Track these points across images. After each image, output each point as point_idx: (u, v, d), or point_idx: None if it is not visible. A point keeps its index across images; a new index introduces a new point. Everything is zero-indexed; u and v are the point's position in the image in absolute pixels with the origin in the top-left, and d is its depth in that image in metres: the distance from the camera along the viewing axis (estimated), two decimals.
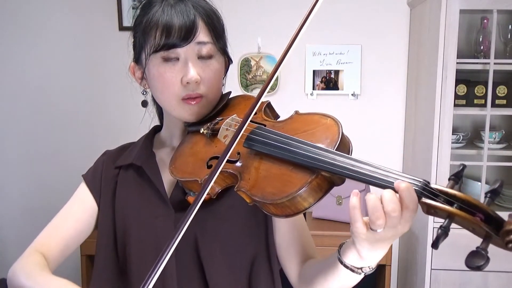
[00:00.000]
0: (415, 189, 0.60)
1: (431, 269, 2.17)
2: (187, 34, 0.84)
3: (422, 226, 2.23)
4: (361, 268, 0.71)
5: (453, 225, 0.57)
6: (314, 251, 0.92)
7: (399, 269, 2.68)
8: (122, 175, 0.97)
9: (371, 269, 0.72)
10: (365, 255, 0.68)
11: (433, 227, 2.14)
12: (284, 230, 0.92)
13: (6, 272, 0.86)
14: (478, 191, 2.18)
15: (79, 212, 0.95)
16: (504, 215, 0.57)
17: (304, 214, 0.96)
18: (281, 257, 0.93)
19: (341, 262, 0.71)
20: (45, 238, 0.92)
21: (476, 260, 0.53)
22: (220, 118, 0.90)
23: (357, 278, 0.74)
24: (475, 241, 0.58)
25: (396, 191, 0.60)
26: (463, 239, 0.67)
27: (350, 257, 0.70)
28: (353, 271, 0.71)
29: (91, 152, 1.05)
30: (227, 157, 0.72)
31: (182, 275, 0.88)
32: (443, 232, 0.55)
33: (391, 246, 2.25)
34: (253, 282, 0.90)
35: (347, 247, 0.71)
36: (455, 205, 0.57)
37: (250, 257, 0.91)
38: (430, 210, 0.59)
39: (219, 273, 0.88)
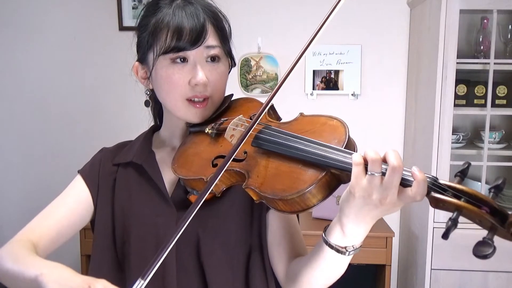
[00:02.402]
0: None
1: (431, 269, 2.17)
2: (197, 38, 0.86)
3: (422, 226, 2.23)
4: (345, 247, 0.73)
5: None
6: (304, 251, 0.93)
7: (399, 269, 2.68)
8: (120, 173, 0.98)
9: (355, 248, 0.74)
10: (348, 231, 0.71)
11: (433, 227, 2.14)
12: (276, 228, 0.93)
13: None
14: (478, 191, 2.18)
15: (73, 203, 0.95)
16: None
17: (298, 215, 0.97)
18: (271, 255, 0.93)
19: (326, 243, 0.74)
20: (36, 225, 0.91)
21: (483, 249, 0.56)
22: (225, 118, 0.91)
23: (341, 265, 0.77)
24: (475, 242, 0.59)
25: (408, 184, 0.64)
26: (463, 240, 0.68)
27: (335, 236, 0.73)
28: (338, 251, 0.73)
29: (90, 152, 1.05)
30: (234, 155, 0.73)
31: (181, 269, 0.89)
32: (453, 223, 0.59)
33: (391, 246, 2.25)
34: (249, 277, 0.92)
35: (331, 227, 0.74)
36: (463, 199, 0.61)
37: (246, 252, 0.92)
38: (439, 204, 0.62)
39: (218, 269, 0.90)
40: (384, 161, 0.64)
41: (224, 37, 0.91)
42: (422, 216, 2.24)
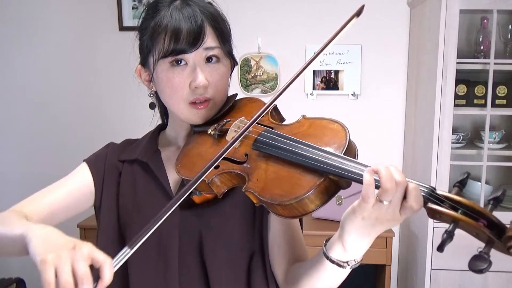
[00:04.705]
0: (422, 194, 0.63)
1: (431, 269, 2.17)
2: (195, 40, 0.85)
3: (422, 226, 2.23)
4: (346, 262, 0.74)
5: None
6: (305, 255, 0.93)
7: (399, 269, 2.68)
8: (126, 169, 0.98)
9: (356, 262, 0.74)
10: (350, 247, 0.71)
11: (433, 227, 2.14)
12: (277, 230, 0.93)
13: (6, 272, 0.85)
14: (478, 191, 2.18)
15: (74, 187, 0.95)
16: (504, 215, 0.58)
17: (301, 218, 0.96)
18: (271, 257, 0.94)
19: (327, 257, 0.74)
20: (32, 200, 0.91)
21: (479, 264, 0.56)
22: (228, 119, 0.91)
23: (342, 275, 0.77)
24: (476, 242, 0.59)
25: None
26: (463, 240, 0.68)
27: (336, 251, 0.73)
28: (339, 265, 0.74)
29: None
30: (229, 155, 0.73)
31: (183, 266, 0.89)
32: (448, 236, 0.58)
33: (391, 246, 2.25)
34: (251, 277, 0.92)
35: (332, 242, 0.74)
36: (460, 211, 0.60)
37: (248, 253, 0.92)
38: (435, 215, 0.62)
39: (220, 268, 0.90)
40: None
41: (223, 37, 0.91)
42: (422, 216, 2.24)
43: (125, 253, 0.66)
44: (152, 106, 1.03)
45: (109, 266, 0.61)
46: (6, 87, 2.72)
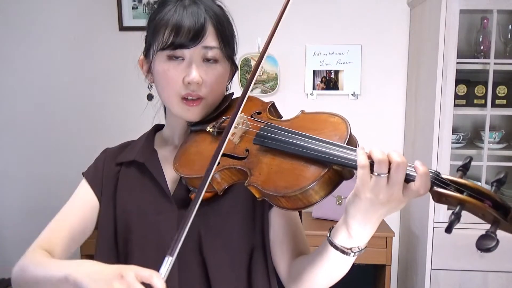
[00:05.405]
0: None
1: (431, 269, 2.17)
2: (195, 37, 0.86)
3: (422, 226, 2.23)
4: (350, 249, 0.74)
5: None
6: (307, 249, 0.93)
7: (399, 269, 2.68)
8: (123, 172, 0.98)
9: (360, 249, 0.75)
10: (354, 232, 0.71)
11: (433, 227, 2.14)
12: (278, 226, 0.93)
13: (7, 272, 0.86)
14: None
15: (82, 208, 0.96)
16: None
17: (301, 214, 0.97)
18: (273, 253, 0.94)
19: (332, 244, 0.75)
20: (48, 234, 0.92)
21: (486, 242, 0.57)
22: (226, 117, 0.91)
23: (345, 265, 0.77)
24: (475, 241, 0.59)
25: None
26: (463, 240, 0.68)
27: (340, 237, 0.73)
28: (343, 252, 0.74)
29: (91, 152, 1.05)
30: (226, 140, 0.74)
31: (183, 266, 0.89)
32: (456, 217, 0.59)
33: (391, 246, 2.25)
34: (252, 276, 0.92)
35: (337, 228, 0.75)
36: (465, 193, 0.61)
37: (248, 251, 0.93)
38: (441, 198, 0.63)
39: (220, 267, 0.90)
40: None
41: (225, 40, 0.91)
42: (422, 216, 2.24)
43: (168, 262, 0.69)
44: (149, 97, 1.03)
45: (157, 278, 0.65)
46: (6, 87, 2.72)
